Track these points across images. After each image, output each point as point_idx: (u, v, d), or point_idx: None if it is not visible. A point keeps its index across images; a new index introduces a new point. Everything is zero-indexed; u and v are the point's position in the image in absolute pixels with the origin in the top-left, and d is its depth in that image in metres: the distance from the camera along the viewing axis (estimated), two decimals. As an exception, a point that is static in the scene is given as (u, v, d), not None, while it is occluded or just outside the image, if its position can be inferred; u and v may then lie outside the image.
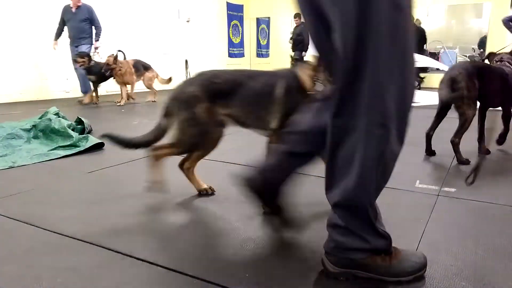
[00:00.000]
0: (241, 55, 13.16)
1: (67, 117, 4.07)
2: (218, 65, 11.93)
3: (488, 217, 1.93)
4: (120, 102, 6.90)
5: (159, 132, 2.14)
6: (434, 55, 15.14)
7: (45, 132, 3.58)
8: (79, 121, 4.02)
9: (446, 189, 2.32)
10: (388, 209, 2.04)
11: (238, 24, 13.00)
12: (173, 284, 1.35)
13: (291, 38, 10.52)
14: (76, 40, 6.97)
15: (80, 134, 3.67)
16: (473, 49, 13.96)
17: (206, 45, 11.45)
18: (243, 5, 13.01)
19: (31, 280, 1.37)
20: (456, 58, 14.23)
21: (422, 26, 11.61)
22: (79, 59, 6.63)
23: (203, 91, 1.97)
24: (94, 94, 7.18)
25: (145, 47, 9.50)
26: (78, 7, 6.86)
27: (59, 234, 1.74)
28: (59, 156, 3.11)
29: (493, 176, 2.65)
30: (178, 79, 8.90)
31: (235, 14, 12.74)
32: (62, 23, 6.98)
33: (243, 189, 1.61)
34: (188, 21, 10.85)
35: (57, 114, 3.89)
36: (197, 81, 2.02)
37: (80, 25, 6.92)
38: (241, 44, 13.23)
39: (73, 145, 3.32)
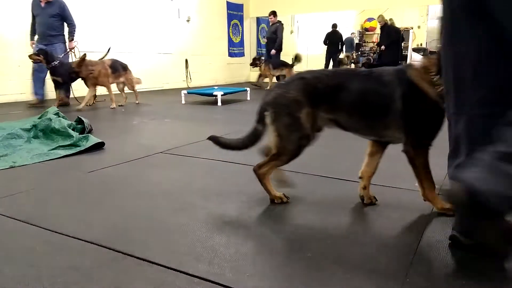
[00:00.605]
0: (241, 54, 13.15)
1: (67, 117, 4.07)
2: (218, 64, 11.93)
3: (488, 216, 1.93)
4: (112, 105, 6.41)
5: (255, 137, 2.08)
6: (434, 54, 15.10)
7: (45, 131, 3.58)
8: (79, 121, 4.02)
9: (447, 188, 2.32)
10: (388, 208, 2.05)
11: (238, 23, 12.99)
12: (175, 283, 1.35)
13: (265, 37, 10.49)
14: (45, 38, 6.43)
15: (80, 133, 3.67)
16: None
17: (206, 45, 11.44)
18: (243, 4, 13.00)
19: (32, 279, 1.37)
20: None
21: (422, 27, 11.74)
22: (34, 56, 6.04)
23: (306, 95, 1.89)
24: (62, 94, 6.58)
25: (145, 47, 9.50)
26: (48, 2, 6.33)
27: (60, 233, 1.74)
28: (59, 156, 3.11)
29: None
30: (178, 79, 8.85)
31: (235, 13, 12.73)
32: (34, 19, 6.47)
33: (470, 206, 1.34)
34: (188, 21, 10.84)
35: (57, 113, 3.90)
36: (299, 85, 1.91)
37: (49, 21, 6.37)
38: (241, 43, 13.22)
39: (74, 145, 3.32)
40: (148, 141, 3.85)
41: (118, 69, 6.68)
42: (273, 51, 10.22)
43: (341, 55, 14.27)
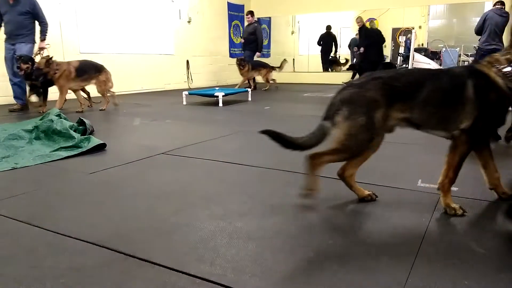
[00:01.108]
0: (241, 55, 13.15)
1: (69, 118, 4.08)
2: (219, 65, 11.94)
3: (490, 216, 1.93)
4: (103, 107, 6.06)
5: (322, 135, 2.02)
6: (436, 54, 15.12)
7: (47, 133, 3.59)
8: (81, 122, 4.03)
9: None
10: (390, 208, 2.05)
11: (239, 24, 12.99)
12: (176, 284, 1.36)
13: (241, 37, 10.03)
14: (13, 37, 5.91)
15: (82, 135, 3.68)
16: (475, 48, 13.93)
17: (207, 46, 11.44)
18: (244, 5, 13.01)
19: (34, 280, 1.38)
20: (459, 57, 14.20)
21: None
22: (23, 65, 5.51)
23: (383, 95, 1.88)
24: (39, 99, 5.97)
25: (146, 48, 9.52)
26: None
27: (62, 234, 1.74)
28: (61, 157, 3.11)
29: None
30: (180, 80, 8.85)
31: (236, 14, 12.74)
32: (1, 17, 5.93)
33: None
34: (189, 22, 10.85)
35: (58, 115, 3.90)
36: (377, 85, 1.90)
37: (18, 19, 5.83)
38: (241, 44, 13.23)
39: (75, 146, 3.32)
40: (150, 142, 3.85)
41: (87, 71, 6.01)
42: (258, 54, 9.89)
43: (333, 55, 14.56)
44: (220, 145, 3.61)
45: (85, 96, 6.47)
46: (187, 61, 10.77)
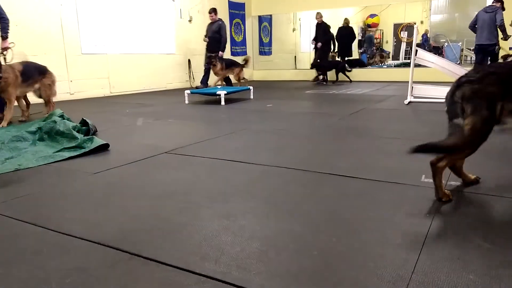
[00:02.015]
0: (244, 53, 13.13)
1: (72, 118, 4.09)
2: (221, 63, 11.92)
3: (494, 210, 1.93)
4: (2, 123, 4.68)
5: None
6: (438, 49, 15.07)
7: (50, 134, 3.60)
8: (84, 123, 4.04)
9: (452, 183, 2.32)
10: (394, 204, 2.04)
11: (240, 22, 12.98)
12: (181, 282, 1.36)
13: (206, 36, 9.35)
14: None
15: (85, 135, 3.69)
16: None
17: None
18: (244, 3, 12.99)
19: (40, 281, 1.39)
20: (462, 51, 14.13)
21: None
22: None
23: (501, 89, 1.94)
24: None
25: (147, 48, 9.52)
26: None
27: (67, 235, 1.75)
28: (64, 158, 3.13)
29: (499, 169, 2.64)
30: (182, 79, 8.86)
31: (237, 12, 12.72)
32: None
33: None
34: (190, 21, 10.84)
35: (61, 116, 3.92)
36: (495, 79, 1.97)
37: None
38: (243, 42, 13.21)
39: (78, 147, 3.33)
40: (153, 141, 3.86)
41: (32, 75, 5.15)
42: (220, 53, 9.15)
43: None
44: (223, 144, 3.61)
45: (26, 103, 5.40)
46: (189, 60, 10.77)
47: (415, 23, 15.65)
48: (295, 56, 15.67)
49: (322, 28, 10.83)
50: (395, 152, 3.14)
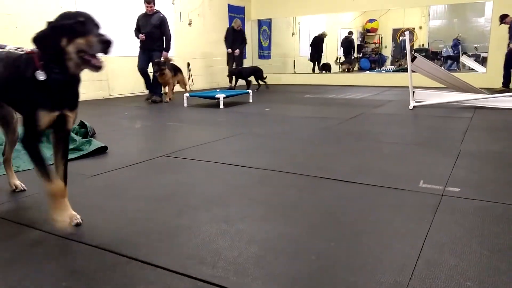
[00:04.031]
0: (243, 57, 13.17)
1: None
2: (220, 67, 11.94)
3: (493, 217, 1.93)
4: None
5: None
6: (436, 54, 15.13)
7: (48, 136, 3.58)
8: (82, 125, 4.03)
9: (451, 189, 2.32)
10: (392, 209, 2.04)
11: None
12: (179, 286, 1.35)
13: (142, 32, 7.50)
14: None
15: (83, 137, 3.68)
16: (476, 48, 13.93)
17: (208, 48, 11.46)
18: (244, 6, 13.02)
19: (36, 285, 1.38)
20: (459, 56, 14.18)
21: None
22: None
23: None
24: None
25: (147, 50, 9.52)
26: None
27: (64, 238, 1.74)
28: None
29: (498, 175, 2.64)
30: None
31: (236, 16, 12.75)
32: None
33: None
34: (189, 24, 10.87)
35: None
36: None
37: None
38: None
39: (77, 149, 3.33)
40: (151, 144, 3.85)
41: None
42: (165, 54, 7.51)
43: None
44: (221, 147, 3.61)
45: None
46: (188, 63, 10.79)
47: (412, 29, 15.72)
48: (294, 60, 15.71)
49: (240, 35, 10.44)
50: (394, 157, 3.14)
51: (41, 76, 1.61)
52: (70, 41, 1.57)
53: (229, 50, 10.29)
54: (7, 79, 1.76)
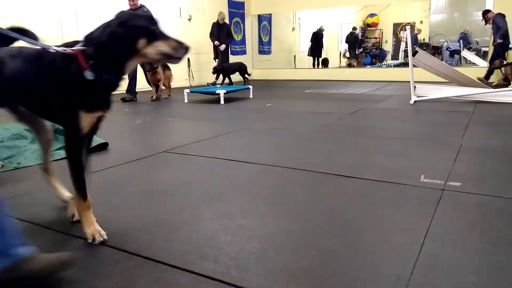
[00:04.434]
0: (243, 52, 13.14)
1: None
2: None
3: (494, 211, 1.93)
4: None
5: None
6: (437, 49, 15.08)
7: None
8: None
9: (452, 183, 2.31)
10: (393, 204, 2.04)
11: (240, 21, 12.97)
12: (180, 282, 1.36)
13: None
14: None
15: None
16: (477, 42, 13.87)
17: (208, 43, 11.42)
18: (244, 2, 12.97)
19: (39, 280, 1.38)
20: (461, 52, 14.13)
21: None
22: None
23: None
24: None
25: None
26: None
27: (65, 233, 1.75)
28: (63, 157, 3.11)
29: (499, 169, 2.64)
30: (181, 78, 8.84)
31: (236, 11, 12.71)
32: None
33: None
34: (189, 19, 10.83)
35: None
36: None
37: None
38: (242, 41, 13.20)
39: (77, 145, 3.32)
40: (152, 140, 3.85)
41: None
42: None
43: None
44: (222, 143, 3.60)
45: None
46: (188, 59, 10.76)
47: (414, 23, 15.66)
48: (295, 56, 15.68)
49: (225, 30, 10.13)
50: (394, 152, 3.14)
51: (90, 75, 1.51)
52: (149, 43, 1.52)
53: (216, 42, 10.08)
54: (37, 80, 1.60)
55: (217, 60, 10.34)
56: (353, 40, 16.42)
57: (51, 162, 2.18)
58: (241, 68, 10.50)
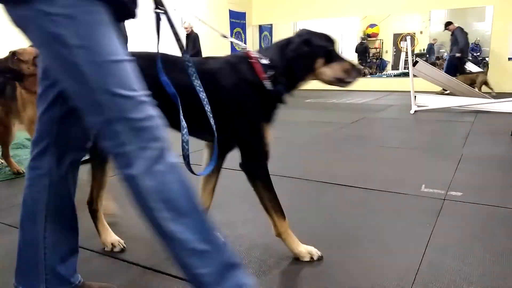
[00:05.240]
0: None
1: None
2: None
3: (495, 221, 1.92)
4: None
5: None
6: (438, 59, 15.13)
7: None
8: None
9: (453, 193, 2.31)
10: (394, 214, 2.04)
11: (241, 31, 13.06)
12: (180, 292, 1.35)
13: None
14: None
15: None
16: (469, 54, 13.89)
17: (209, 53, 11.51)
18: (245, 12, 13.09)
19: (38, 289, 1.37)
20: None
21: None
22: None
23: None
24: None
25: (148, 56, 9.57)
26: None
27: (65, 243, 1.74)
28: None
29: (500, 179, 2.63)
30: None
31: (237, 21, 12.81)
32: None
33: None
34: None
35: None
36: None
37: None
38: (244, 51, 13.29)
39: (78, 154, 3.33)
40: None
41: None
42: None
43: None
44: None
45: None
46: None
47: (414, 33, 15.74)
48: None
49: (191, 39, 9.80)
50: (395, 161, 3.14)
51: (269, 86, 1.48)
52: (326, 64, 1.50)
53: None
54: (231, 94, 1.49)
55: None
56: (362, 50, 16.57)
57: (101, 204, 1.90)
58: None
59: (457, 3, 11.21)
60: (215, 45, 11.63)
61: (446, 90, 8.15)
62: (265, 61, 1.47)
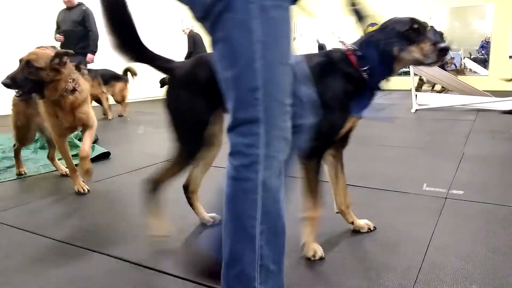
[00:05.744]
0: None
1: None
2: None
3: (497, 219, 1.92)
4: None
5: None
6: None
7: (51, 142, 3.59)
8: (85, 131, 4.03)
9: (454, 191, 2.31)
10: (396, 213, 2.04)
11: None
12: (182, 292, 1.35)
13: (58, 30, 5.41)
14: None
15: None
16: (477, 51, 13.91)
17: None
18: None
19: (41, 290, 1.38)
20: (462, 60, 14.19)
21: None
22: None
23: None
24: None
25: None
26: None
27: (68, 243, 1.74)
28: (65, 166, 3.12)
29: (501, 177, 2.63)
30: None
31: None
32: None
33: None
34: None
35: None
36: None
37: None
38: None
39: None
40: (154, 150, 3.86)
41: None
42: (90, 56, 5.49)
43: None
44: (223, 153, 3.60)
45: None
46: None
47: (415, 32, 15.72)
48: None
49: (191, 39, 9.48)
50: (396, 160, 3.13)
51: (365, 76, 1.55)
52: (402, 49, 1.51)
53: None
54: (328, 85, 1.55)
55: None
56: None
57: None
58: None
59: (458, 1, 11.21)
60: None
61: (445, 89, 8.16)
62: (359, 53, 1.54)
